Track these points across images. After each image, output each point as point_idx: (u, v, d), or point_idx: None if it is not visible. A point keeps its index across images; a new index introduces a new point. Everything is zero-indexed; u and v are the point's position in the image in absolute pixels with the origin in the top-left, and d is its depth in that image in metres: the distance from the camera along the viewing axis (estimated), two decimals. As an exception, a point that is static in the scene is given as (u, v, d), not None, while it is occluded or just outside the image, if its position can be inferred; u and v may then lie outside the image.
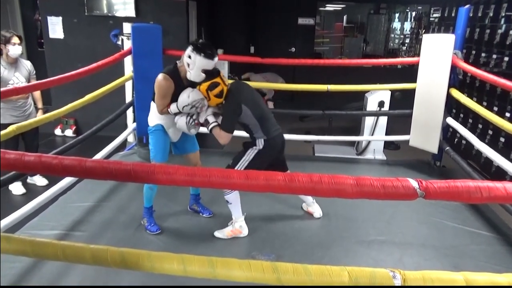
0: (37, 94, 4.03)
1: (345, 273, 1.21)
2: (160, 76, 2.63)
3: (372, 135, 5.00)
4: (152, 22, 5.46)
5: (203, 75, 2.58)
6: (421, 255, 2.71)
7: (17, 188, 4.04)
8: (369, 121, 5.04)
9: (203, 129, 2.87)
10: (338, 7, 9.78)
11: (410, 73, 4.15)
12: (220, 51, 6.85)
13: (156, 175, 1.29)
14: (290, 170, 4.21)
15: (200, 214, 3.17)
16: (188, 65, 2.56)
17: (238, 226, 2.87)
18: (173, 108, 2.67)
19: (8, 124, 2.82)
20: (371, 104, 4.96)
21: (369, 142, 5.05)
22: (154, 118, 2.81)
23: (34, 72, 3.98)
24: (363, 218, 3.19)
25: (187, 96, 2.60)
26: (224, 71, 6.63)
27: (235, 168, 2.73)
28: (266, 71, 6.61)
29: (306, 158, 4.79)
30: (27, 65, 3.92)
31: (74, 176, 2.02)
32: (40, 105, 4.04)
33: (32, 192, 3.91)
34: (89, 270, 2.34)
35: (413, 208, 3.30)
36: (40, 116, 3.81)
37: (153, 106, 2.78)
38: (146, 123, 2.89)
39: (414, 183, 1.12)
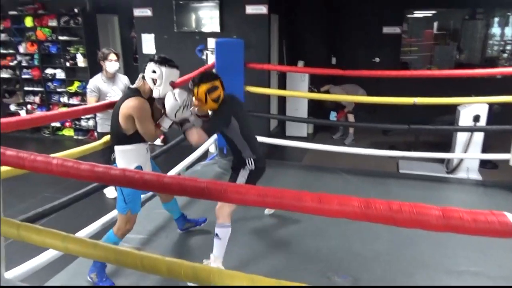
0: (132, 105, 4.37)
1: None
2: (135, 101, 2.30)
3: (466, 152, 4.57)
4: (235, 36, 5.65)
5: (170, 87, 2.38)
6: (522, 293, 2.38)
7: (110, 192, 4.40)
8: (462, 136, 4.62)
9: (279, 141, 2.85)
10: (428, 13, 9.20)
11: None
12: (301, 63, 6.85)
13: (228, 194, 1.30)
14: (372, 187, 4.05)
15: (198, 226, 3.12)
16: (154, 81, 2.33)
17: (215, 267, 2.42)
18: (165, 122, 2.41)
19: (106, 133, 3.10)
20: (464, 118, 4.54)
21: (461, 160, 4.62)
22: (131, 160, 2.43)
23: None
24: (453, 244, 2.89)
25: (174, 100, 2.33)
26: (305, 83, 6.61)
27: None
28: (347, 82, 6.43)
29: (389, 175, 4.53)
30: (124, 79, 4.28)
31: (153, 190, 2.11)
32: (134, 115, 4.37)
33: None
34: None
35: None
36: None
37: (122, 151, 2.45)
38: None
39: (513, 219, 0.98)
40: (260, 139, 4.72)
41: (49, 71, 7.12)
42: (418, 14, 9.23)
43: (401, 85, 5.49)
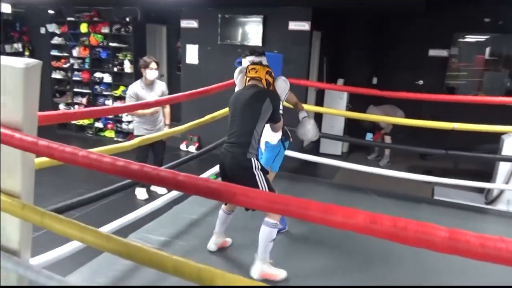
0: (167, 112, 4.52)
1: None
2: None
3: (507, 183, 4.32)
4: (276, 51, 5.71)
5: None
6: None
7: (141, 193, 4.54)
8: (505, 166, 4.38)
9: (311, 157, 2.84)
10: (481, 38, 8.87)
11: None
12: (340, 81, 6.80)
13: (238, 197, 1.31)
14: (402, 211, 3.91)
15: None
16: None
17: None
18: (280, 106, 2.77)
19: (141, 136, 3.23)
20: (508, 148, 4.31)
21: (502, 191, 4.37)
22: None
23: (167, 92, 4.48)
24: (480, 273, 2.72)
25: (285, 84, 2.83)
26: (343, 101, 6.55)
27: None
28: (387, 103, 6.29)
29: (423, 200, 4.36)
30: (162, 86, 4.44)
31: (168, 187, 2.15)
32: (167, 121, 4.52)
33: (153, 198, 4.35)
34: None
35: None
36: (166, 130, 4.26)
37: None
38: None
39: (523, 246, 0.91)
40: (293, 154, 4.74)
41: (97, 74, 7.51)
42: (470, 38, 8.92)
43: (444, 109, 5.31)
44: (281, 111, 2.76)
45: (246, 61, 3.19)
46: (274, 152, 3.05)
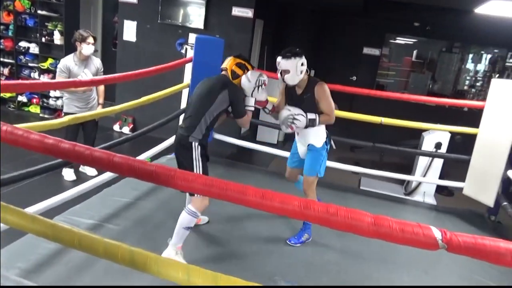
0: (101, 90, 4.29)
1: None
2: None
3: (424, 176, 4.73)
4: (218, 36, 5.64)
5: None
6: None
7: (69, 174, 4.30)
8: (423, 161, 4.78)
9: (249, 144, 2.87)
10: (409, 41, 9.51)
11: (478, 117, 3.89)
12: (280, 71, 6.91)
13: (175, 180, 1.30)
14: (331, 199, 4.11)
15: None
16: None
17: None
18: (248, 101, 2.78)
19: (72, 114, 3.04)
20: (427, 144, 4.71)
21: (419, 183, 4.78)
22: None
23: (102, 70, 4.24)
24: (400, 261, 2.98)
25: (248, 81, 2.70)
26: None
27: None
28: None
29: (350, 189, 4.62)
30: (96, 62, 4.19)
31: (102, 168, 2.08)
32: (101, 100, 4.30)
33: (82, 180, 4.14)
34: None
35: (456, 261, 3.01)
36: (99, 110, 4.06)
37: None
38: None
39: (437, 232, 1.02)
40: (230, 140, 4.77)
41: (23, 44, 6.89)
42: (400, 40, 9.52)
43: (374, 106, 5.64)
44: (251, 108, 2.79)
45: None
46: (320, 155, 2.93)
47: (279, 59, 2.77)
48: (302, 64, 2.75)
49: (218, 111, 2.62)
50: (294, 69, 2.74)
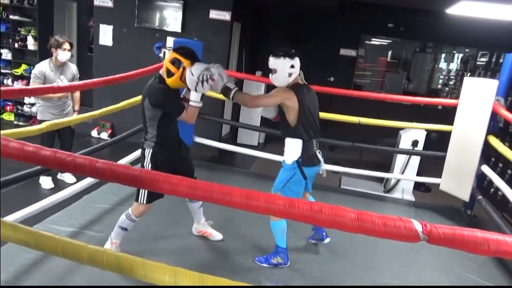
0: (76, 96, 4.22)
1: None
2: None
3: (402, 173, 4.84)
4: (196, 39, 5.63)
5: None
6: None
7: (46, 182, 4.20)
8: (401, 159, 4.89)
9: (229, 147, 2.87)
10: (383, 42, 9.72)
11: (452, 115, 4.01)
12: (259, 73, 6.95)
13: (160, 184, 1.30)
14: (315, 199, 4.17)
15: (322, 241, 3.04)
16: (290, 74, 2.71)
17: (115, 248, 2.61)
18: (192, 96, 2.49)
19: (46, 121, 2.97)
20: (404, 142, 4.82)
21: (398, 181, 4.89)
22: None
23: (78, 76, 4.18)
24: (381, 258, 3.05)
25: (191, 74, 2.36)
26: (260, 92, 6.70)
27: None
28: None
29: (331, 189, 4.69)
30: (72, 68, 4.12)
31: (84, 174, 2.05)
32: (77, 107, 4.22)
33: (60, 188, 4.04)
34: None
35: (436, 255, 3.12)
36: (75, 116, 3.99)
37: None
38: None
39: (417, 225, 1.06)
40: (211, 143, 4.76)
41: (-6, 50, 6.71)
42: (375, 41, 9.71)
43: (352, 106, 5.74)
44: (194, 103, 2.51)
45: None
46: (286, 174, 2.70)
47: (270, 57, 2.65)
48: (292, 67, 2.59)
49: (156, 118, 2.44)
50: (282, 69, 2.59)
